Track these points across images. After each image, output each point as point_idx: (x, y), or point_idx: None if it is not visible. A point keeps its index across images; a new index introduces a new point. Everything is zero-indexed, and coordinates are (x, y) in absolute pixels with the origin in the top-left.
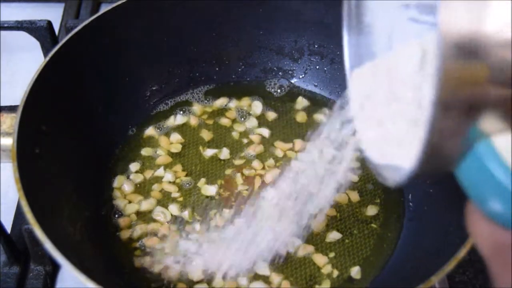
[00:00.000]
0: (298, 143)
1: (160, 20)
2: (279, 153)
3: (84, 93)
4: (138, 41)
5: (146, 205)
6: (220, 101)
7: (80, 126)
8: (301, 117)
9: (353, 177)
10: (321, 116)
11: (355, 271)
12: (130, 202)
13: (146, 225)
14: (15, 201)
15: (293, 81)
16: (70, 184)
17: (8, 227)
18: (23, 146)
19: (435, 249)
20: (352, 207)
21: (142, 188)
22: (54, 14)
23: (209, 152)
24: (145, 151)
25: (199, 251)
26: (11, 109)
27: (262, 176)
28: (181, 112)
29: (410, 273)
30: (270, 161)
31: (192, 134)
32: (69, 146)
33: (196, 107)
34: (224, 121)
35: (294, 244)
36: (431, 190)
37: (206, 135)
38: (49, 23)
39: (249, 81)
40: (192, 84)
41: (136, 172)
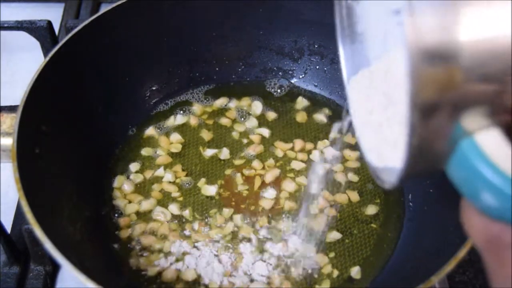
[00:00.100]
0: (298, 143)
1: (160, 20)
2: (279, 153)
3: (84, 93)
4: (138, 41)
5: (146, 205)
6: (220, 101)
7: (80, 126)
8: (301, 117)
9: (353, 177)
10: (321, 116)
11: (355, 271)
12: (130, 202)
13: (146, 225)
14: (15, 201)
15: (293, 81)
16: (70, 184)
17: (8, 227)
18: (23, 146)
19: (435, 249)
20: (352, 207)
21: (142, 188)
22: (54, 14)
23: (209, 152)
24: (145, 151)
25: (199, 251)
26: (11, 109)
27: (262, 176)
28: (181, 112)
29: (410, 273)
30: (270, 161)
31: (192, 134)
32: (69, 146)
33: (196, 107)
34: (224, 121)
35: (294, 244)
36: (431, 190)
37: (206, 135)
38: (49, 23)
39: (249, 81)
40: (192, 84)
41: (136, 172)
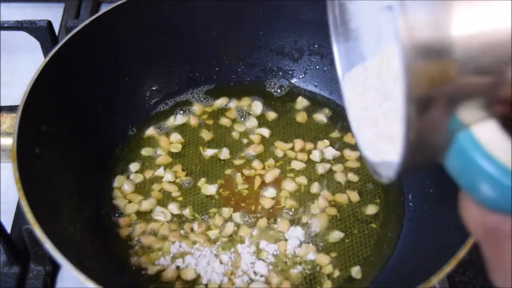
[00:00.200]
0: (298, 143)
1: (160, 20)
2: (279, 153)
3: (84, 93)
4: (138, 41)
5: (146, 205)
6: (220, 101)
7: (80, 126)
8: (301, 117)
9: (353, 177)
10: (321, 116)
11: (356, 271)
12: (130, 202)
13: (146, 225)
14: (15, 201)
15: (293, 81)
16: (70, 184)
17: (8, 227)
18: (23, 146)
19: (435, 249)
20: (352, 207)
21: (142, 188)
22: (54, 14)
23: (209, 152)
24: (145, 151)
25: (198, 251)
26: (11, 109)
27: (262, 176)
28: (181, 112)
29: (410, 273)
30: (270, 161)
31: (192, 134)
32: (69, 146)
33: (196, 107)
34: (224, 121)
35: (294, 244)
36: (431, 190)
37: (206, 135)
38: (49, 23)
39: (249, 81)
40: (192, 84)
41: (136, 172)
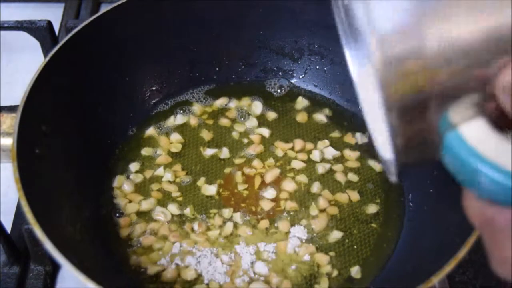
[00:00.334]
0: (298, 143)
1: (160, 20)
2: (279, 153)
3: (84, 93)
4: (138, 41)
5: (146, 205)
6: (220, 101)
7: (80, 126)
8: (301, 117)
9: (353, 177)
10: (321, 116)
11: (355, 271)
12: (130, 201)
13: (146, 225)
14: (15, 201)
15: (293, 81)
16: (70, 184)
17: (8, 227)
18: (23, 146)
19: (435, 249)
20: (352, 207)
21: (142, 188)
22: (54, 14)
23: (209, 152)
24: (145, 151)
25: (198, 251)
26: (11, 109)
27: (262, 176)
28: (181, 112)
29: (410, 273)
30: (270, 161)
31: (192, 134)
32: (69, 146)
33: (196, 107)
34: (224, 121)
35: (294, 244)
36: (431, 190)
37: (206, 135)
38: (49, 23)
39: (249, 81)
40: (192, 84)
41: (136, 172)
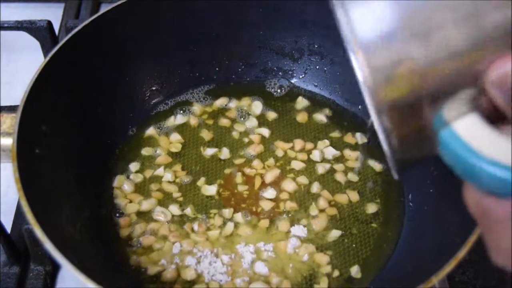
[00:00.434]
0: (298, 143)
1: (160, 20)
2: (279, 153)
3: (84, 93)
4: (138, 41)
5: (146, 205)
6: (220, 101)
7: (80, 126)
8: (301, 117)
9: (353, 177)
10: (321, 116)
11: (355, 271)
12: (130, 201)
13: (147, 225)
14: (15, 201)
15: (293, 81)
16: (70, 184)
17: (8, 227)
18: (23, 146)
19: (435, 249)
20: (352, 207)
21: (142, 188)
22: (54, 14)
23: (209, 152)
24: (145, 151)
25: (198, 251)
26: (11, 109)
27: (262, 176)
28: (181, 112)
29: (410, 273)
30: (270, 161)
31: (192, 134)
32: (69, 146)
33: (196, 107)
34: (224, 121)
35: (294, 244)
36: (431, 190)
37: (206, 135)
38: (49, 23)
39: (249, 81)
40: (192, 84)
41: (136, 172)
